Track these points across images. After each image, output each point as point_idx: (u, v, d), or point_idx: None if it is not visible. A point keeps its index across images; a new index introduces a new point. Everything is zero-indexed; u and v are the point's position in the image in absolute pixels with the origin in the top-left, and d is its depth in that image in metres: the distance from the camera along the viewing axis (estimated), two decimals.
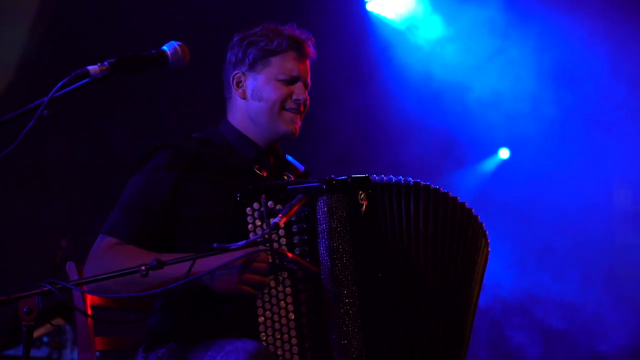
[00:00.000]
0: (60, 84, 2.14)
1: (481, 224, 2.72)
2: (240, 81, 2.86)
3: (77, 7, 6.40)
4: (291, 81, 2.83)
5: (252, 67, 2.83)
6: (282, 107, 2.82)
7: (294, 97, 2.82)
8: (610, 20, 6.42)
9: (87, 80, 2.18)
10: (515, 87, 6.67)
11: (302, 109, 2.85)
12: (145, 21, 6.38)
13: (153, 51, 2.33)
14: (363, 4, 6.85)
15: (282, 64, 2.82)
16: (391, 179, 2.60)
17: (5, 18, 6.26)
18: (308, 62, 2.89)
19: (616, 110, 6.55)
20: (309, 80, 2.89)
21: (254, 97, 2.84)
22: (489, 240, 2.77)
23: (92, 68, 2.20)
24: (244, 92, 2.85)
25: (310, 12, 6.39)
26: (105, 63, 2.22)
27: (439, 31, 6.80)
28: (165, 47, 2.36)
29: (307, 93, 2.88)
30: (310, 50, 2.88)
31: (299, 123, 2.85)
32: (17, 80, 6.32)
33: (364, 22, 6.92)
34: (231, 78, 2.87)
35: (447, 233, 2.63)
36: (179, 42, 2.37)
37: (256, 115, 2.84)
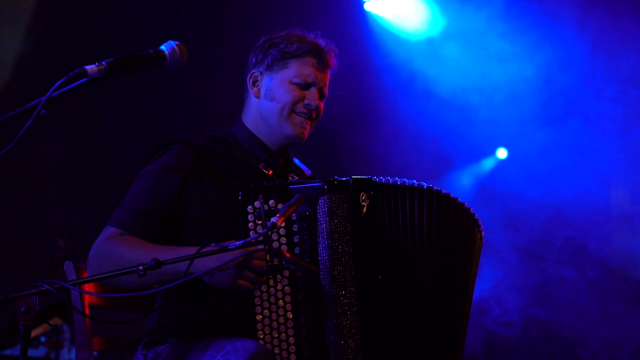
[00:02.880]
0: (57, 83, 2.14)
1: (477, 220, 2.74)
2: (257, 80, 2.89)
3: (76, 7, 6.39)
4: (306, 86, 2.85)
5: (269, 67, 2.87)
6: (292, 110, 2.84)
7: (306, 101, 2.84)
8: (608, 20, 6.42)
9: (84, 80, 2.18)
10: (514, 87, 6.66)
11: (313, 115, 2.86)
12: (144, 21, 6.38)
13: (151, 51, 2.33)
14: (361, 3, 6.84)
15: (299, 68, 2.84)
16: (389, 180, 2.61)
17: (2, 17, 6.26)
18: (328, 73, 2.92)
19: (615, 111, 6.55)
20: (325, 90, 2.91)
21: (267, 97, 2.86)
22: (482, 227, 2.78)
23: (90, 68, 2.19)
24: (259, 91, 2.88)
25: (308, 12, 6.37)
26: (103, 63, 2.21)
27: (438, 31, 6.80)
28: (163, 47, 2.35)
29: (322, 103, 2.89)
30: (332, 61, 2.91)
31: (307, 128, 2.87)
32: (14, 79, 6.31)
33: (362, 22, 6.91)
34: (248, 77, 2.91)
35: (442, 234, 2.64)
36: (177, 42, 2.36)
37: (267, 114, 2.86)
